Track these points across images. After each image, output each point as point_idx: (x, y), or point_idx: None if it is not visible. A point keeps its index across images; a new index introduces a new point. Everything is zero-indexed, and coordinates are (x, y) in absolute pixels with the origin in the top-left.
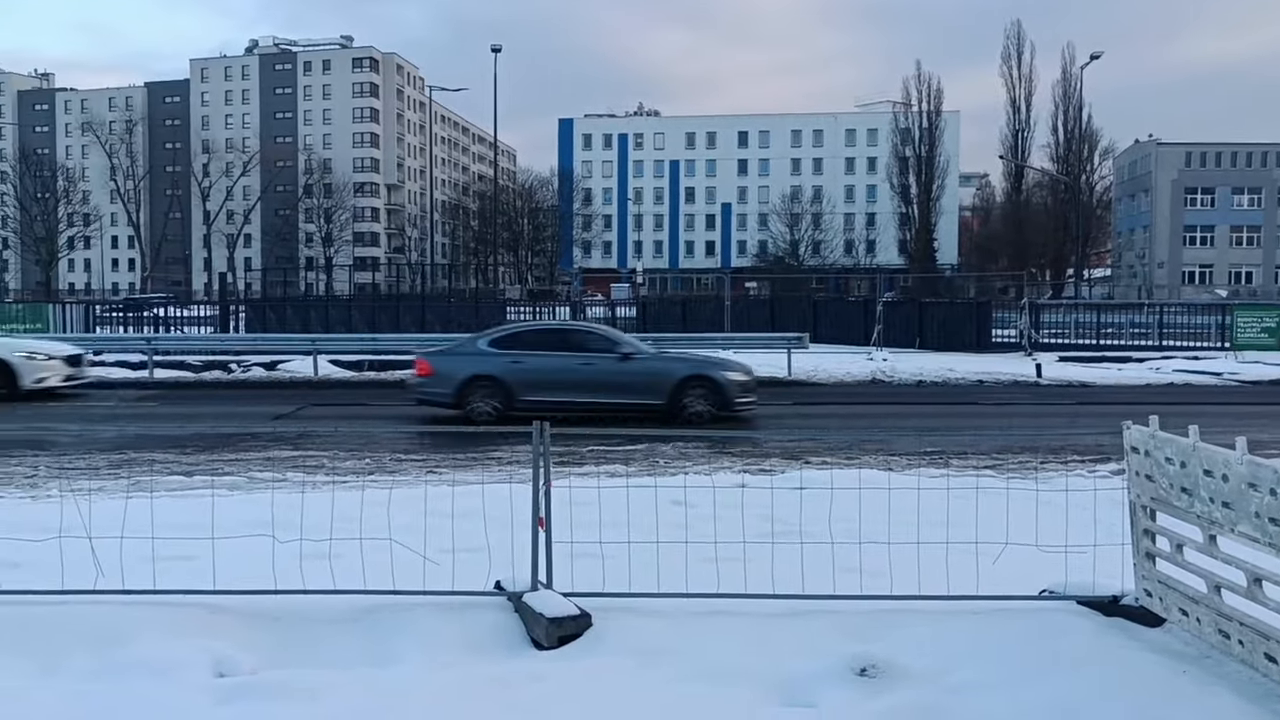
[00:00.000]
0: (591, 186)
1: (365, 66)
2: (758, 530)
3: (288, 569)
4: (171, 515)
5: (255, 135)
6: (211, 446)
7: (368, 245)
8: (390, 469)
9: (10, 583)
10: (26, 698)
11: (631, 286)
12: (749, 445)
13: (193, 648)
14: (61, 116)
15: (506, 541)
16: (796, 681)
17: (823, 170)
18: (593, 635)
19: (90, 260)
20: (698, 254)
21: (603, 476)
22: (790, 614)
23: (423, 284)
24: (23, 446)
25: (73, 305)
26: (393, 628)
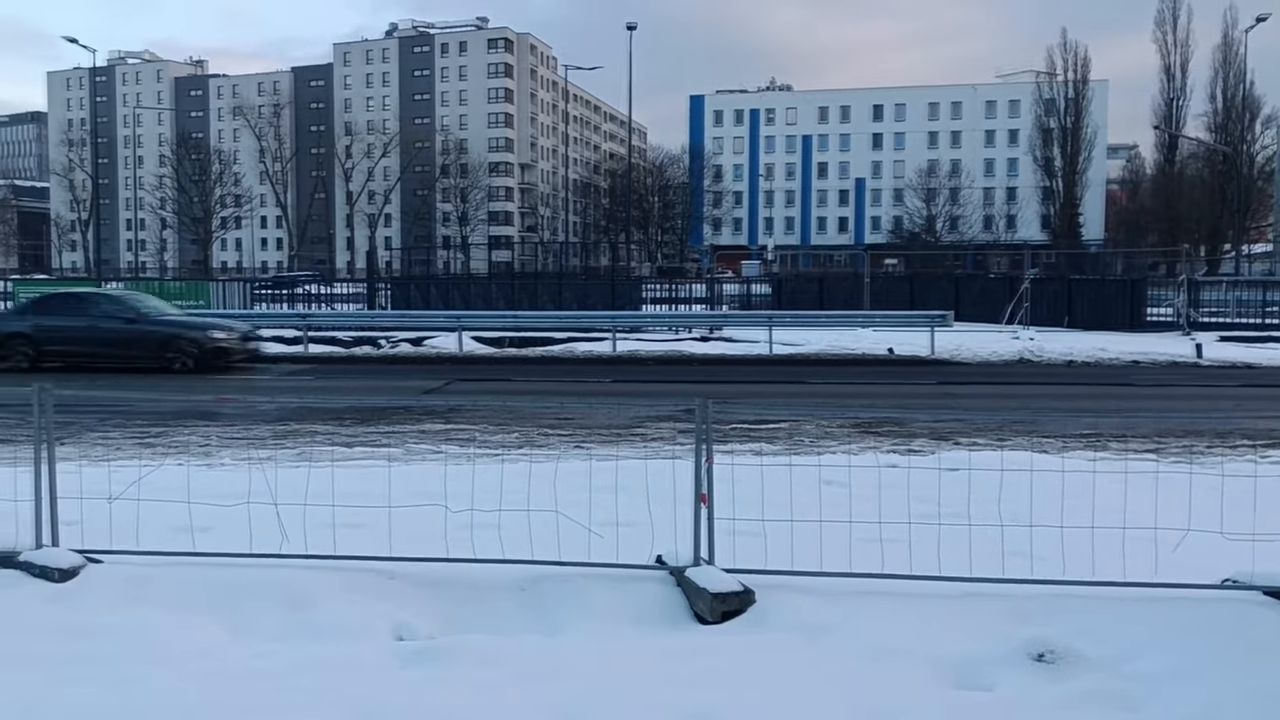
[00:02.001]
0: (722, 163)
1: (500, 47)
2: (917, 511)
3: (457, 538)
4: (342, 484)
5: (395, 117)
6: (367, 419)
7: (501, 224)
8: (539, 443)
9: (203, 545)
10: (219, 656)
11: (762, 263)
12: (894, 426)
13: (372, 612)
14: (214, 102)
15: (666, 516)
16: (970, 664)
17: (961, 143)
18: (757, 611)
19: (241, 239)
20: (830, 230)
21: (747, 454)
22: (959, 596)
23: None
24: (194, 418)
25: (230, 282)
26: (559, 597)
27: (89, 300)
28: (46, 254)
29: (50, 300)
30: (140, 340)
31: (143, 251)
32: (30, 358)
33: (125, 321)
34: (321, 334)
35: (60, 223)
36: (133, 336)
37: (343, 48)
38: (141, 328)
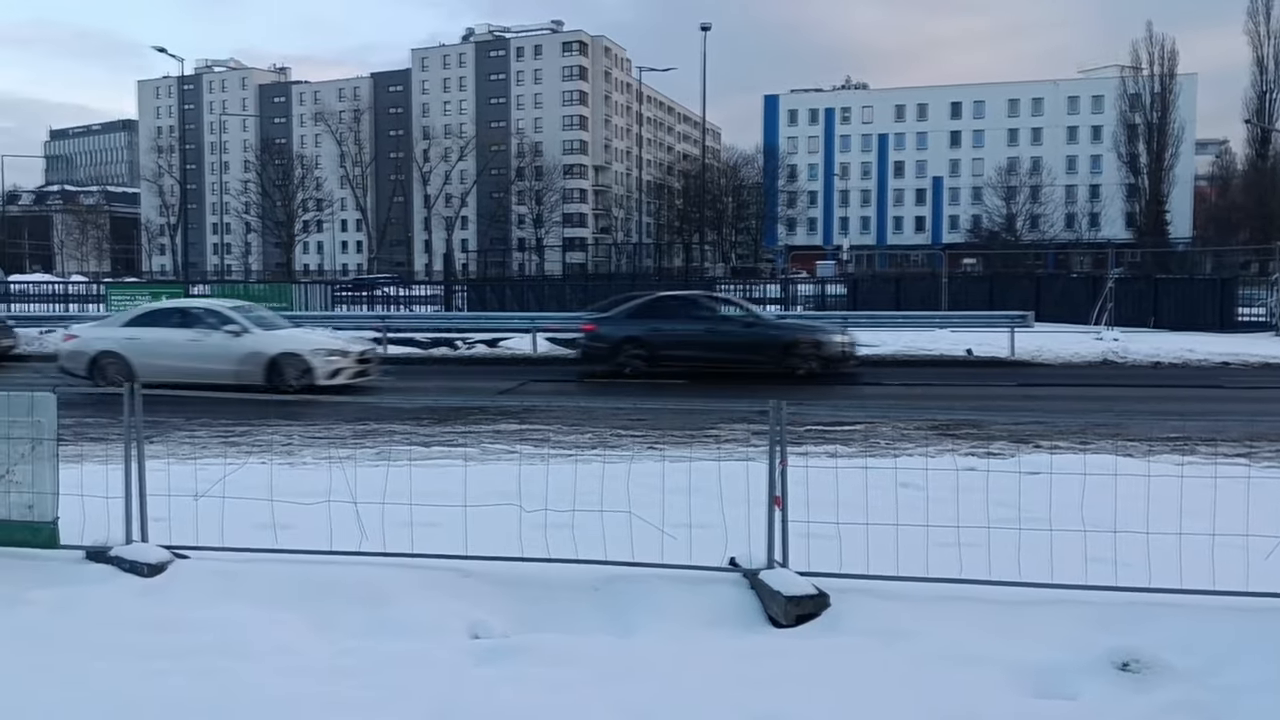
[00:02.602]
0: (796, 162)
1: (574, 50)
2: (996, 515)
3: (531, 537)
4: (419, 483)
5: (471, 121)
6: (443, 419)
7: (575, 226)
8: (612, 444)
9: (286, 542)
10: (303, 652)
11: (837, 264)
12: (972, 428)
13: (448, 610)
14: (297, 108)
15: (740, 518)
16: (1051, 672)
17: (1042, 140)
18: (831, 615)
19: (322, 243)
20: (906, 230)
21: (821, 456)
22: (1039, 602)
23: (634, 263)
24: (277, 417)
25: (312, 285)
26: (632, 598)
27: (701, 304)
28: (137, 258)
29: (663, 303)
30: (762, 344)
31: (228, 255)
32: (645, 361)
33: (744, 325)
34: (399, 335)
35: (150, 227)
36: (753, 340)
37: (420, 53)
38: (762, 331)
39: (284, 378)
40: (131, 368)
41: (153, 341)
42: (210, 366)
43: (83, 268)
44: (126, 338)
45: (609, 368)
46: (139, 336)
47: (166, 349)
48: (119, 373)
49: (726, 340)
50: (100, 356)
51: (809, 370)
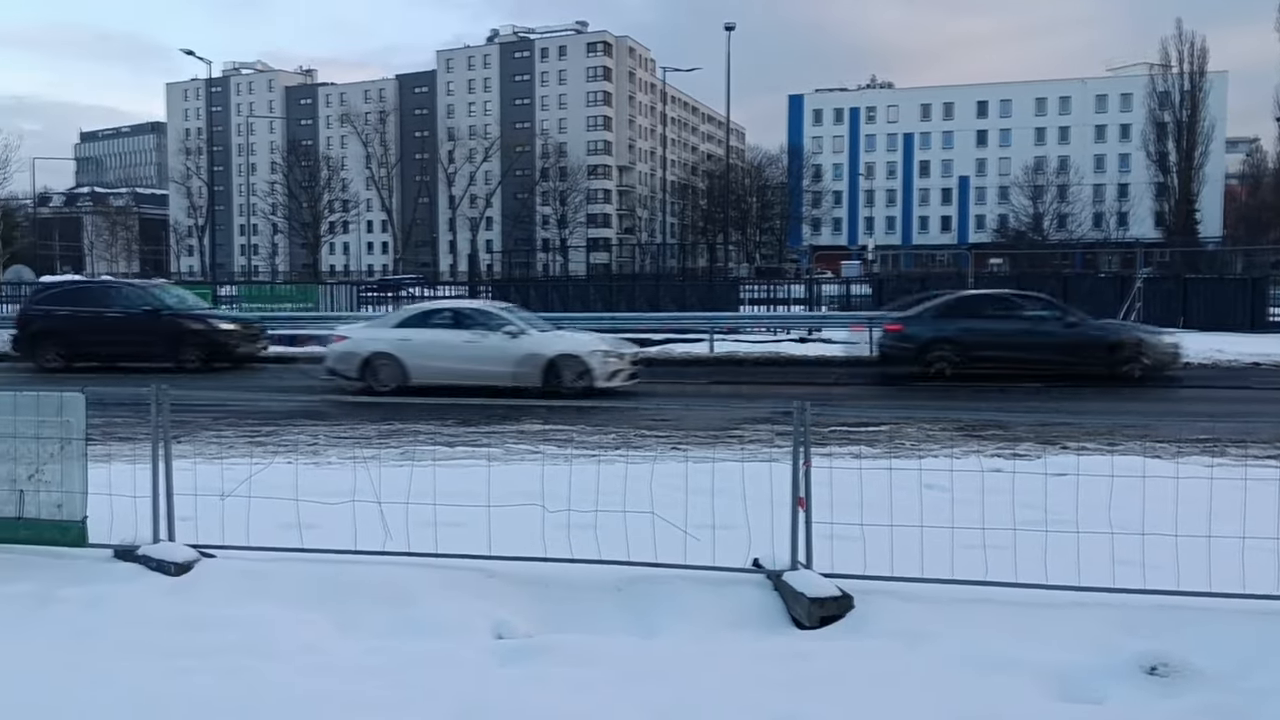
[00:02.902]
0: (821, 162)
1: (599, 51)
2: (1022, 517)
3: (554, 538)
4: (443, 483)
5: (496, 121)
6: (468, 419)
7: (599, 226)
8: (635, 444)
9: (311, 541)
10: (328, 651)
11: (862, 264)
12: (999, 429)
13: (472, 610)
14: (323, 110)
15: (763, 519)
16: (1077, 675)
17: (1069, 139)
18: (855, 617)
19: (349, 243)
20: (932, 230)
21: (845, 457)
22: (1066, 605)
23: (658, 264)
24: (301, 417)
25: (338, 286)
26: (655, 599)
27: (1015, 302)
28: (165, 259)
29: (975, 301)
30: (1085, 345)
31: (255, 255)
32: (954, 363)
33: (1064, 325)
34: None
35: (178, 228)
36: (1075, 341)
37: (446, 54)
38: (1085, 331)
39: (562, 380)
40: (405, 369)
41: (427, 342)
42: (487, 368)
43: (112, 269)
44: (400, 339)
45: (914, 369)
46: (412, 337)
47: (442, 350)
48: (392, 374)
49: (1046, 340)
50: (374, 358)
51: (1137, 372)
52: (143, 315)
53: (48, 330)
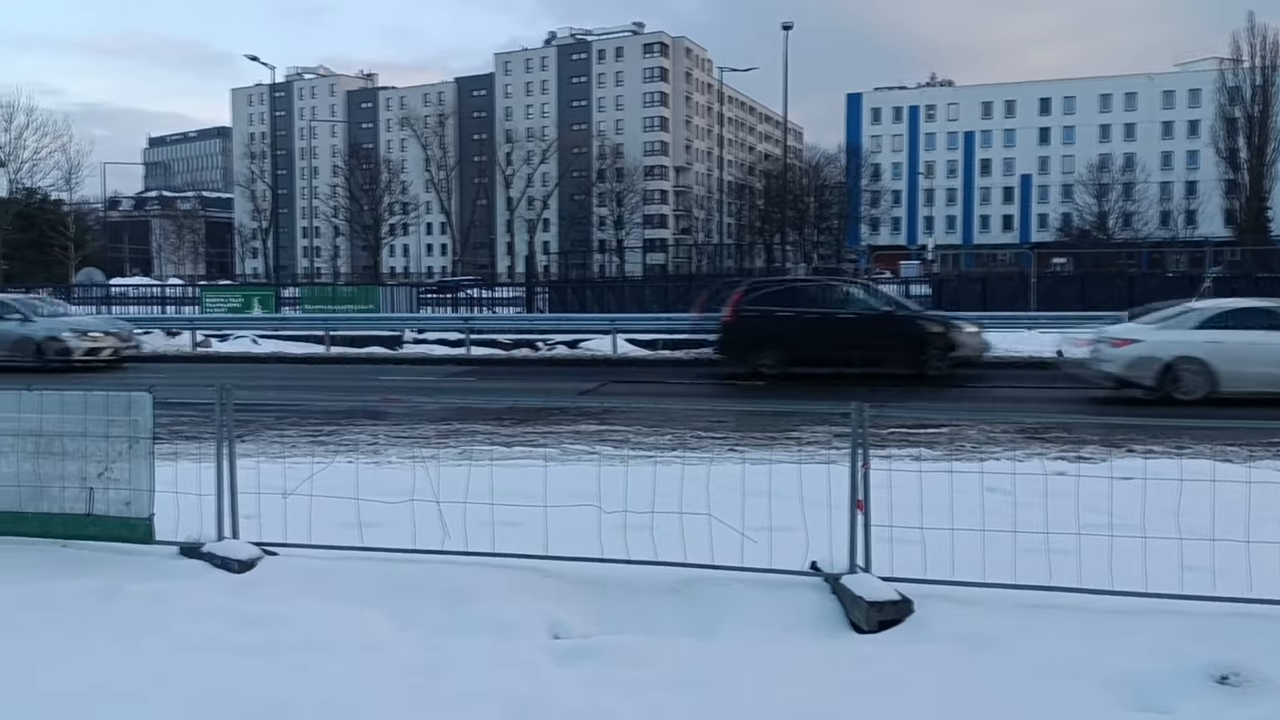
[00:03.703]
0: (880, 161)
1: (655, 51)
2: (1087, 522)
3: (610, 538)
4: (501, 483)
5: (553, 123)
6: (524, 419)
7: (656, 227)
8: (691, 445)
9: (371, 540)
10: (388, 649)
11: (922, 263)
12: (1062, 431)
13: (529, 609)
14: (383, 113)
15: (821, 522)
16: (1144, 684)
17: (1135, 136)
18: (915, 621)
19: (408, 245)
20: (994, 229)
21: (905, 459)
22: (1132, 612)
23: (714, 264)
24: (362, 416)
25: (398, 287)
26: (711, 601)
27: None
28: (230, 261)
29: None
30: None
31: (317, 258)
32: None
33: None
34: (482, 337)
35: (243, 231)
36: None
37: (504, 57)
38: None
39: None
40: (1215, 375)
41: (1244, 344)
42: None
43: (179, 271)
44: (1208, 341)
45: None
46: (1223, 340)
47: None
48: (1198, 382)
49: None
50: (1178, 363)
51: None
52: (878, 317)
53: (767, 333)
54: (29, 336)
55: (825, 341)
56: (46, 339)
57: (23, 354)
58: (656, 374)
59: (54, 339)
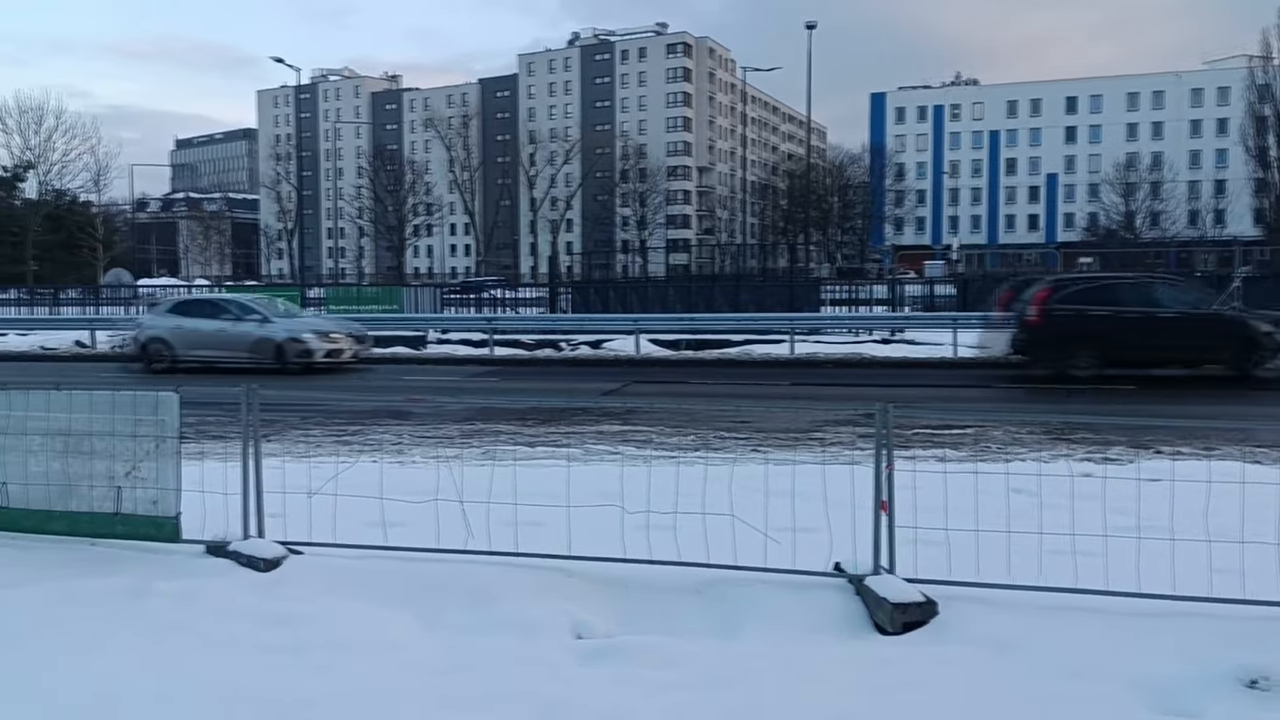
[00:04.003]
0: (904, 161)
1: (679, 52)
2: (1114, 524)
3: (633, 539)
4: (524, 483)
5: (576, 124)
6: (547, 420)
7: (679, 227)
8: (714, 446)
9: (395, 539)
10: (411, 649)
11: (947, 263)
12: (1089, 432)
13: (552, 609)
14: (407, 115)
15: (845, 523)
16: (1171, 688)
17: (1163, 134)
18: (940, 623)
19: (432, 246)
20: (1019, 228)
21: (930, 460)
22: (1160, 614)
23: (737, 264)
24: (386, 416)
25: (422, 288)
26: (735, 601)
27: None
28: (256, 262)
29: None
30: None
31: (342, 259)
32: None
33: None
34: (505, 337)
35: (269, 232)
36: None
37: (527, 58)
38: None
39: None
40: None
41: None
42: None
43: (205, 272)
44: None
45: None
46: None
47: None
48: None
49: None
50: None
51: None
52: (1205, 316)
53: (1081, 334)
54: (269, 338)
55: (1146, 342)
56: (287, 340)
57: (262, 355)
58: (679, 374)
59: (295, 340)
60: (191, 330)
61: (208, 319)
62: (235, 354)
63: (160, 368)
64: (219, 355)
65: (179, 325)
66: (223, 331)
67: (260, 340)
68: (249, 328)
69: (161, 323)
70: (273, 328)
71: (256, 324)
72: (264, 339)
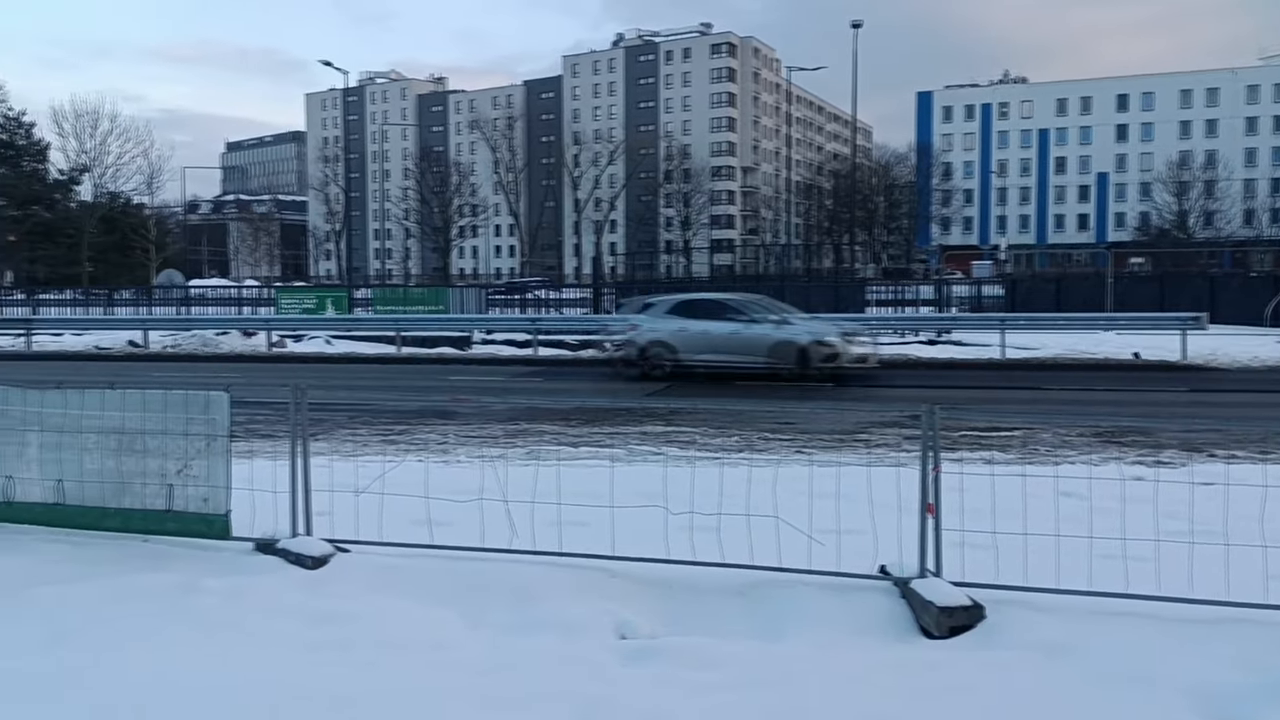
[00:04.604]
0: (951, 160)
1: (723, 52)
2: (1166, 528)
3: (676, 539)
4: (567, 483)
5: (620, 125)
6: (591, 420)
7: (723, 228)
8: (758, 447)
9: (441, 538)
10: (456, 648)
11: (994, 263)
12: (1140, 435)
13: (595, 609)
14: (453, 117)
15: (890, 526)
16: (1225, 695)
17: (1217, 132)
18: (987, 627)
19: (477, 247)
20: (1069, 228)
21: (977, 463)
22: (1214, 621)
23: (782, 264)
24: (432, 416)
25: (468, 288)
26: (779, 603)
27: None
28: (305, 263)
29: None
30: None
31: (388, 259)
32: None
33: None
34: (550, 338)
35: (317, 234)
36: None
37: (571, 60)
38: None
39: None
40: None
41: None
42: None
43: (255, 273)
44: None
45: None
46: None
47: None
48: None
49: None
50: None
51: None
52: None
53: None
54: (790, 340)
55: None
56: (812, 344)
57: (781, 360)
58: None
59: (821, 343)
60: (699, 333)
61: (718, 320)
62: (750, 359)
63: (660, 374)
64: (731, 360)
65: (683, 327)
66: (736, 334)
67: (780, 343)
68: (765, 329)
69: (663, 325)
70: (793, 329)
71: (774, 325)
72: (785, 342)
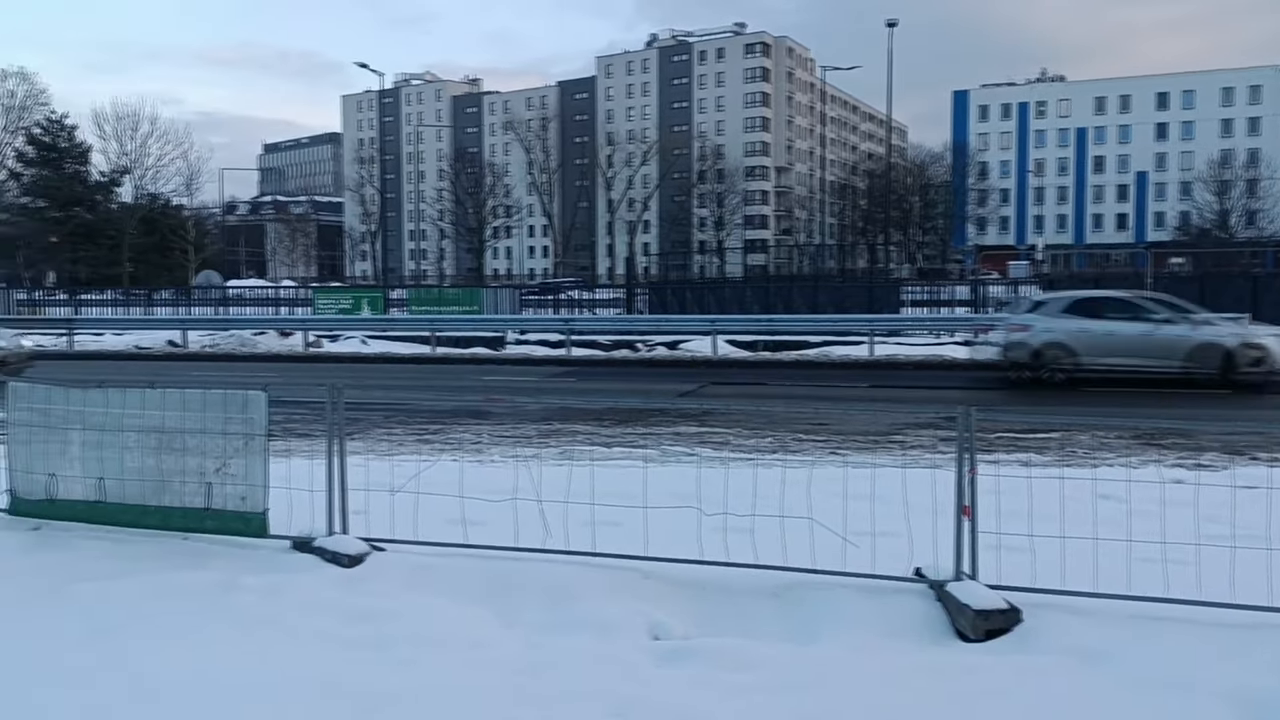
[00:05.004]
0: (988, 160)
1: (757, 52)
2: (1207, 532)
3: (710, 540)
4: (601, 483)
5: (654, 125)
6: (624, 420)
7: (757, 228)
8: (792, 448)
9: (475, 537)
10: (492, 646)
11: (1031, 264)
12: (1180, 437)
13: (629, 610)
14: (488, 118)
15: (926, 528)
16: (1268, 701)
17: (1260, 130)
18: (1024, 631)
19: (511, 248)
20: (1107, 228)
21: (1013, 465)
22: (1256, 626)
23: (816, 265)
24: (466, 416)
25: (501, 289)
26: (813, 605)
27: None
28: (341, 263)
29: None
30: None
31: (423, 260)
32: None
33: None
34: (583, 338)
35: (353, 234)
36: None
37: (605, 60)
38: None
39: None
40: None
41: None
42: None
43: (292, 273)
44: None
45: None
46: None
47: None
48: None
49: None
50: None
51: None
52: None
53: None
54: (1214, 343)
55: None
56: (1240, 347)
57: (1202, 364)
58: (758, 375)
59: (1250, 345)
60: (1104, 334)
61: (1126, 320)
62: (1165, 363)
63: (1058, 379)
64: (1142, 364)
65: (1084, 328)
66: (1148, 335)
67: (1201, 346)
68: (1182, 330)
69: (1060, 325)
70: (1215, 330)
71: (1189, 327)
72: (1207, 344)
